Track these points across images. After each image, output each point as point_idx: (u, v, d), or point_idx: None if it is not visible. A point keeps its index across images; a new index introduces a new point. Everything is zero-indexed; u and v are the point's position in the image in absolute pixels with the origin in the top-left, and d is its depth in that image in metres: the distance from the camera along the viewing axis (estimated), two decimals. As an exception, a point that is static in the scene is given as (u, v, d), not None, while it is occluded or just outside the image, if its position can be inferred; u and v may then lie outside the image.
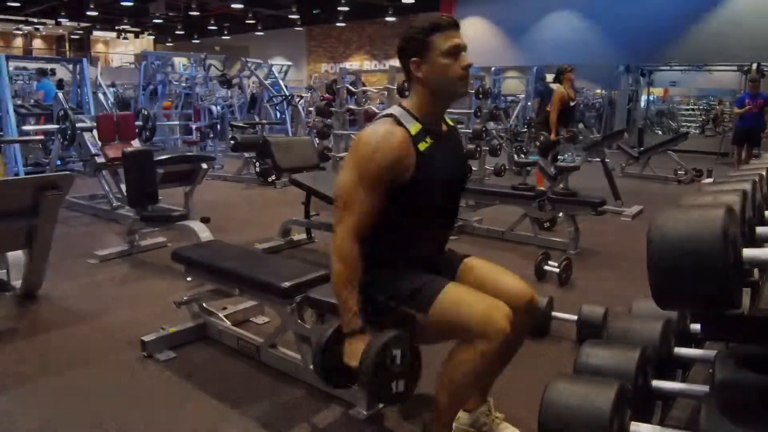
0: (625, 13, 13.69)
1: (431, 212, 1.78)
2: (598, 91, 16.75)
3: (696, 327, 1.81)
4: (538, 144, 6.29)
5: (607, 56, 14.12)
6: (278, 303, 2.27)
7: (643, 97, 14.61)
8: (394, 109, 1.75)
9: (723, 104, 16.96)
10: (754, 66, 10.98)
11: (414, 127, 1.69)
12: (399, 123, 1.69)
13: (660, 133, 15.13)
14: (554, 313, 2.88)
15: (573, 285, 3.72)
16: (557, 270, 3.64)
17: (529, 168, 5.37)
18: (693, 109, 17.25)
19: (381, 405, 2.11)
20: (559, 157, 6.54)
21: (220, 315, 2.81)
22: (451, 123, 1.91)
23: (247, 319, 3.01)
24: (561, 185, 4.70)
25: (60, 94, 6.14)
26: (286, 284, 2.18)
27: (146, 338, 2.63)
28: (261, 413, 2.18)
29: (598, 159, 7.79)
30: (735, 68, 12.23)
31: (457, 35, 1.68)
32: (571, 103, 6.64)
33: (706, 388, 1.39)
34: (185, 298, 2.74)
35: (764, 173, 1.82)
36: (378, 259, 1.75)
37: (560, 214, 4.87)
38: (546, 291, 3.46)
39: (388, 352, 1.58)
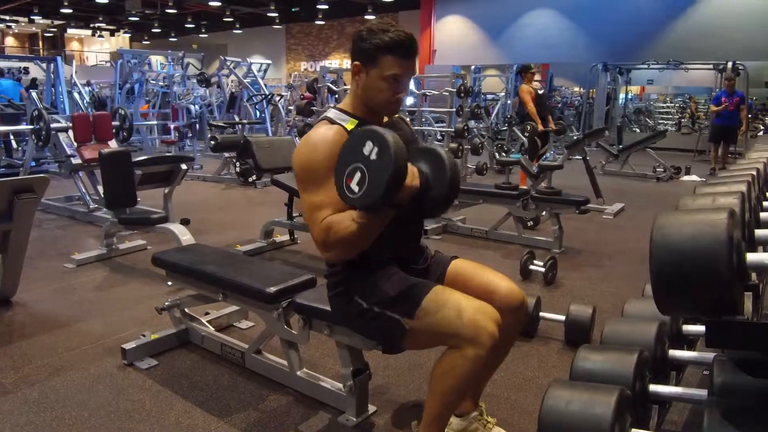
0: (603, 12, 13.84)
1: None
2: (577, 89, 16.92)
3: (688, 328, 1.80)
4: (526, 135, 6.34)
5: (585, 54, 14.26)
6: (264, 308, 2.22)
7: (621, 96, 14.77)
8: (329, 112, 1.77)
9: (698, 102, 17.27)
10: (730, 64, 11.16)
11: (350, 124, 1.70)
12: (333, 122, 1.70)
13: (638, 130, 15.33)
14: (542, 314, 2.87)
15: (559, 284, 3.72)
16: (543, 269, 3.63)
17: (511, 167, 5.36)
18: (670, 107, 17.53)
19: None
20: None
21: (203, 320, 2.74)
22: (396, 115, 1.88)
23: (230, 324, 2.95)
24: (544, 184, 4.70)
25: (33, 94, 5.97)
26: (272, 289, 2.12)
27: (126, 346, 2.55)
28: (247, 422, 2.13)
29: (578, 157, 7.86)
30: (711, 67, 12.42)
31: (408, 64, 1.66)
32: (539, 91, 6.83)
33: (704, 393, 1.37)
34: (167, 303, 2.67)
35: (755, 173, 1.82)
36: (354, 262, 1.71)
37: (543, 213, 4.88)
38: (532, 290, 3.46)
39: None
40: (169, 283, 2.82)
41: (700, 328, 1.80)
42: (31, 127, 5.40)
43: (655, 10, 13.17)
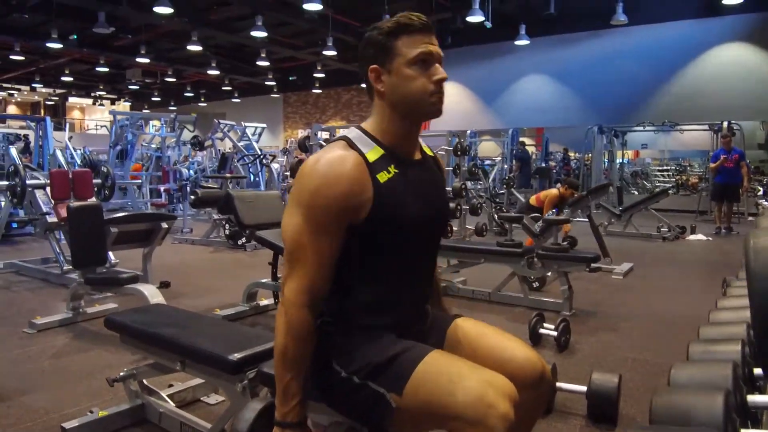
0: (594, 76, 14.02)
1: (397, 261, 1.38)
2: (572, 153, 16.96)
3: (755, 399, 1.43)
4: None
5: (578, 118, 14.33)
6: (225, 380, 1.83)
7: (618, 159, 14.76)
8: (350, 131, 1.38)
9: (692, 166, 17.31)
10: (725, 124, 11.15)
11: (373, 153, 1.33)
12: (353, 147, 1.32)
13: (636, 193, 15.22)
14: (558, 384, 2.48)
15: (573, 350, 3.33)
16: (555, 333, 3.26)
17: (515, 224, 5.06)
18: (666, 170, 17.55)
19: None
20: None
21: (163, 394, 2.34)
22: (429, 151, 1.53)
23: (197, 399, 2.54)
24: (551, 240, 4.39)
25: (12, 149, 5.74)
26: (236, 356, 1.74)
27: (67, 425, 2.15)
28: None
29: (581, 219, 7.59)
30: (706, 127, 12.43)
31: (430, 40, 1.33)
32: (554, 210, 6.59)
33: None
34: (121, 374, 2.28)
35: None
36: (338, 321, 1.36)
37: (549, 273, 4.54)
38: (545, 357, 3.04)
39: None
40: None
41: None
42: (6, 183, 5.12)
43: (646, 73, 13.33)
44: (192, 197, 3.91)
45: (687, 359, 1.68)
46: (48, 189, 5.21)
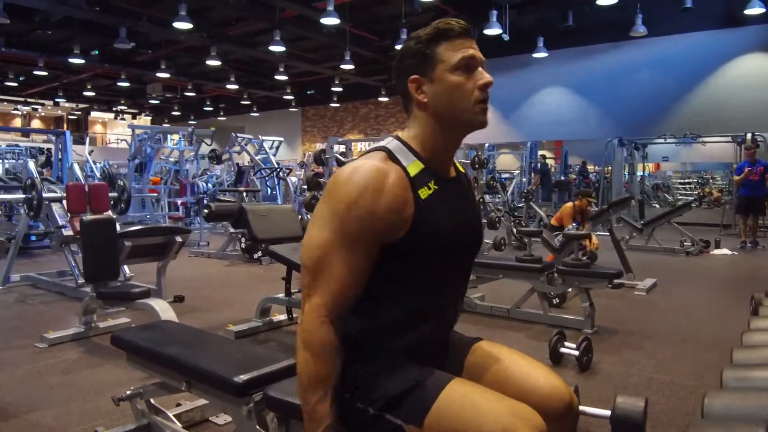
0: (614, 89, 13.84)
1: (427, 282, 1.29)
2: (591, 167, 16.76)
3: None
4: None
5: (598, 131, 14.14)
6: (231, 402, 1.75)
7: (639, 172, 14.53)
8: (389, 142, 1.29)
9: (715, 179, 16.96)
10: (749, 135, 10.90)
11: (414, 167, 1.25)
12: (394, 159, 1.25)
13: (657, 206, 14.96)
14: (581, 407, 2.35)
15: (595, 370, 3.19)
16: (576, 352, 3.13)
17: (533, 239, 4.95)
18: (688, 183, 17.24)
19: None
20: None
21: (170, 414, 2.27)
22: (461, 168, 1.45)
23: (205, 419, 2.47)
24: (571, 255, 4.26)
25: (31, 163, 5.79)
26: (241, 378, 1.66)
27: (72, 446, 2.09)
28: None
29: (602, 233, 7.44)
30: (729, 139, 12.17)
31: (471, 44, 1.27)
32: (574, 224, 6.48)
33: None
34: (127, 393, 2.22)
35: None
36: (355, 346, 1.27)
37: (569, 290, 4.41)
38: (566, 378, 2.93)
39: None
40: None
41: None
42: (23, 196, 5.14)
43: (666, 84, 13.12)
44: (205, 211, 3.88)
45: (721, 386, 1.57)
46: (64, 202, 5.22)
